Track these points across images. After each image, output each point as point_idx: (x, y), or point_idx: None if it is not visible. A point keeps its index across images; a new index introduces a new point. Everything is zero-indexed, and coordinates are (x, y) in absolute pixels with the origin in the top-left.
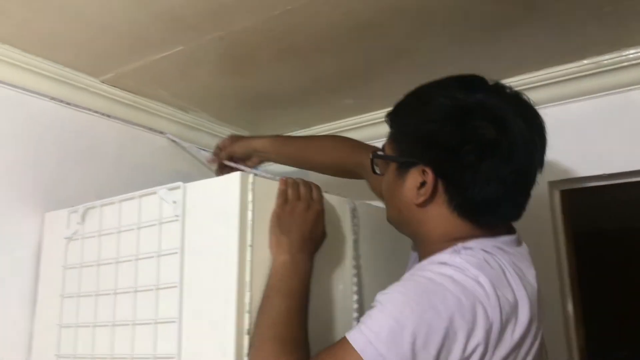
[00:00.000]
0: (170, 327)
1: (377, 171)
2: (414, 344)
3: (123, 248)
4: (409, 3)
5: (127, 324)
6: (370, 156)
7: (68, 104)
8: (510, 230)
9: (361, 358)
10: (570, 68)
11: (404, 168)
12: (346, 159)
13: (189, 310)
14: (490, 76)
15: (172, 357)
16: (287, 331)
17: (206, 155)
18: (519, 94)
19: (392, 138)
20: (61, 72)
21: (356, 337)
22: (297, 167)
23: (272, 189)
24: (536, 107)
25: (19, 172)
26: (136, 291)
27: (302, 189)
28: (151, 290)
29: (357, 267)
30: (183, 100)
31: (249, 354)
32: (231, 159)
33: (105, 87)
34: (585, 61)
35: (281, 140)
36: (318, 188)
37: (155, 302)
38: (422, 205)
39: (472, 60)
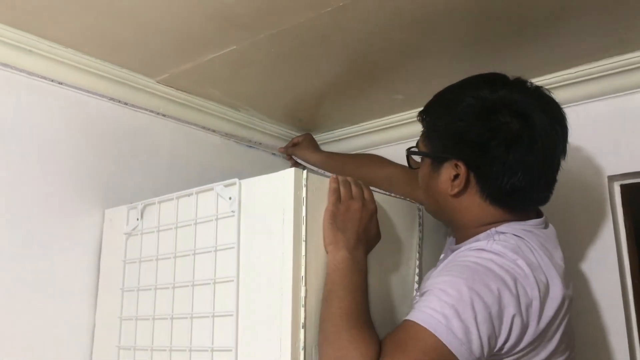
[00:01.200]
0: (227, 320)
1: (413, 166)
2: (475, 319)
3: (181, 243)
4: (456, 3)
5: (185, 317)
6: (406, 152)
7: (125, 104)
8: (539, 214)
9: (433, 335)
10: (630, 58)
11: (438, 163)
12: (376, 174)
13: (246, 304)
14: (549, 67)
15: (229, 350)
16: (359, 321)
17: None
18: (540, 87)
19: (425, 135)
20: (119, 73)
21: (423, 318)
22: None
23: (324, 185)
24: (594, 99)
25: (79, 171)
26: (194, 285)
27: (354, 188)
28: (208, 284)
29: (420, 261)
30: (235, 99)
31: (323, 348)
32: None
33: (160, 87)
34: None
35: (327, 156)
36: (368, 188)
37: (212, 295)
38: (457, 195)
39: (526, 55)
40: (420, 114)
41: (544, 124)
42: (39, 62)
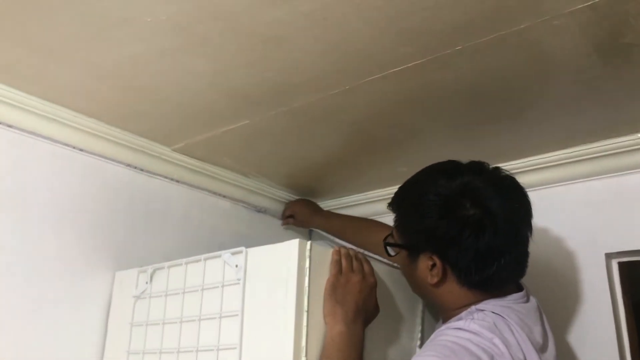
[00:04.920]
0: None
1: (392, 253)
2: None
3: (187, 308)
4: (457, 84)
5: None
6: (383, 243)
7: (141, 170)
8: (520, 287)
9: None
10: (625, 141)
11: (413, 255)
12: (375, 238)
13: None
14: (547, 147)
15: None
16: None
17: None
18: (496, 169)
19: (398, 227)
20: (137, 142)
21: None
22: (337, 237)
23: (327, 257)
24: (590, 179)
25: (93, 233)
26: (198, 350)
27: (355, 262)
28: (212, 350)
29: (423, 333)
30: (245, 167)
31: None
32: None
33: (176, 154)
34: (639, 135)
35: (327, 220)
36: (368, 261)
37: None
38: (437, 285)
39: (523, 135)
40: (389, 205)
41: (504, 206)
42: (62, 130)
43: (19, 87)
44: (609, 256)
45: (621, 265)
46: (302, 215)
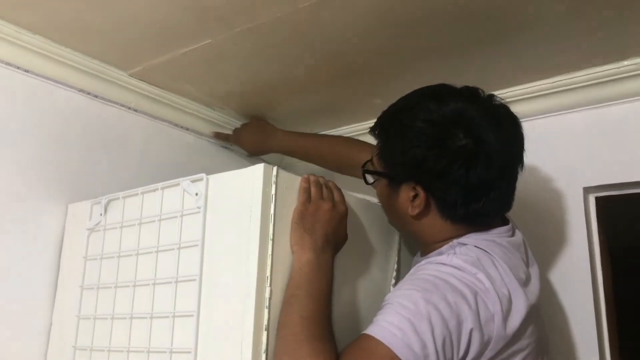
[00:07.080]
0: (188, 321)
1: (370, 181)
2: (432, 332)
3: (144, 240)
4: (444, 2)
5: (145, 317)
6: (362, 170)
7: (95, 96)
8: (505, 221)
9: (389, 350)
10: (607, 70)
11: (395, 184)
12: (355, 157)
13: (208, 304)
14: (526, 76)
15: (188, 351)
16: (321, 331)
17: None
18: (492, 96)
19: (380, 154)
20: (90, 64)
21: (379, 332)
22: (306, 160)
23: (295, 183)
24: (570, 111)
25: (44, 163)
26: (155, 283)
27: (325, 189)
28: (170, 282)
29: (399, 268)
30: (209, 97)
31: (281, 354)
32: None
33: (133, 80)
34: (625, 62)
35: (296, 138)
36: (339, 190)
37: (174, 295)
38: (417, 217)
39: (504, 63)
40: (372, 130)
41: (498, 138)
42: (4, 48)
43: None
44: (587, 190)
45: (598, 200)
46: (251, 145)
